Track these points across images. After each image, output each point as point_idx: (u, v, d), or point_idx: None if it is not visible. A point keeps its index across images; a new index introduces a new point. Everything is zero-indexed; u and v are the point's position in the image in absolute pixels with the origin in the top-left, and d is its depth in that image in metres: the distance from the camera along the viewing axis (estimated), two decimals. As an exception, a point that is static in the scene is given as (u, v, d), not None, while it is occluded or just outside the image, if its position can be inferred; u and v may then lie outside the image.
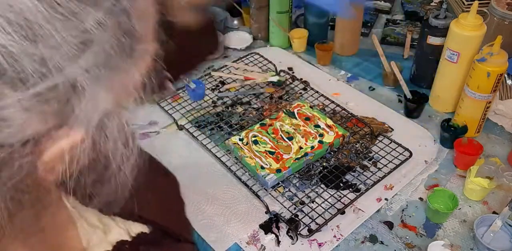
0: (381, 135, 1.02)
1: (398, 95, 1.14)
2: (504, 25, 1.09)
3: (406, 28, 1.37)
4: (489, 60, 0.89)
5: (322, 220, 0.85)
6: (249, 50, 1.31)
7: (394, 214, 0.88)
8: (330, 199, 0.89)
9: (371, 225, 0.86)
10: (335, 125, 0.99)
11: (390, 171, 0.93)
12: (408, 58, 1.26)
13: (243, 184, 0.91)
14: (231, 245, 0.83)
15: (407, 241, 0.83)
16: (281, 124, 0.99)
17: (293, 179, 0.93)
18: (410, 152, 0.97)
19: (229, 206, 0.89)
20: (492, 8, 1.10)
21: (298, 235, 0.83)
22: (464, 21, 0.93)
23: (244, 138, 0.96)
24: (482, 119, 0.98)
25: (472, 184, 0.88)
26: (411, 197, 0.91)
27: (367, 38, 1.34)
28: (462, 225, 0.85)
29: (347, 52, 1.29)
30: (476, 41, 0.94)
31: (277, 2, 1.24)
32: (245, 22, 1.42)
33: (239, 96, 1.14)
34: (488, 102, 0.95)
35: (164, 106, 1.11)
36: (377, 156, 0.97)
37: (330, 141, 0.95)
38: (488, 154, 0.98)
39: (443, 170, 0.96)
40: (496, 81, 0.91)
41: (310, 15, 1.27)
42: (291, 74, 1.19)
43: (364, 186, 0.91)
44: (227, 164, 0.96)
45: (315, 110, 1.03)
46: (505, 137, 1.03)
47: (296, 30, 1.30)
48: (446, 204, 0.87)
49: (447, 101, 1.07)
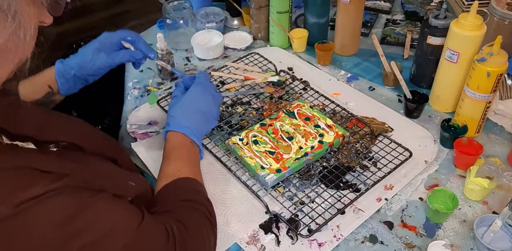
0: (381, 135, 1.02)
1: (398, 95, 1.14)
2: (504, 25, 1.09)
3: (406, 28, 1.37)
4: (489, 60, 0.89)
5: (322, 220, 0.85)
6: (249, 50, 1.31)
7: (394, 214, 0.88)
8: (330, 199, 0.89)
9: (371, 225, 0.86)
10: (335, 125, 0.99)
11: (390, 171, 0.93)
12: (408, 58, 1.26)
13: (243, 184, 0.91)
14: (231, 245, 0.83)
15: (407, 241, 0.83)
16: (281, 124, 0.99)
17: (293, 179, 0.93)
18: (410, 152, 0.97)
19: (229, 206, 0.89)
20: (492, 8, 1.10)
21: (298, 235, 0.83)
22: (464, 21, 0.93)
23: (244, 138, 0.96)
24: (482, 119, 0.99)
25: (472, 184, 0.88)
26: (411, 197, 0.91)
27: (367, 38, 1.34)
28: (462, 225, 0.85)
29: (347, 52, 1.29)
30: (476, 41, 0.94)
31: (277, 2, 1.24)
32: (245, 22, 1.42)
33: (239, 96, 1.14)
34: (488, 102, 0.95)
35: (164, 107, 1.11)
36: (377, 156, 0.97)
37: (330, 141, 0.95)
38: (488, 154, 0.98)
39: (443, 170, 0.96)
40: (496, 81, 0.91)
41: (310, 15, 1.27)
42: (291, 74, 1.19)
43: (364, 186, 0.91)
44: (227, 164, 0.96)
45: (315, 110, 1.03)
46: (505, 137, 1.03)
47: (296, 30, 1.30)
48: (446, 204, 0.87)
49: (447, 101, 1.07)
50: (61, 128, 0.77)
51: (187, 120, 0.87)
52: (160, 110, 1.11)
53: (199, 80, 0.94)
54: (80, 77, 0.96)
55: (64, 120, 0.83)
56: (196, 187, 0.79)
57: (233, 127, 1.05)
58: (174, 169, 0.80)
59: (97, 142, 0.83)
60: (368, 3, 1.47)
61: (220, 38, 1.30)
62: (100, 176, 0.67)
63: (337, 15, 1.23)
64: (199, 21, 1.37)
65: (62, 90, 0.96)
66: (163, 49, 1.16)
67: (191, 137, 0.86)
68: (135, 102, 1.16)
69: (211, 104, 0.91)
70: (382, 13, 1.47)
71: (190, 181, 0.79)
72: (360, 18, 1.24)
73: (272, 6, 1.25)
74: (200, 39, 1.30)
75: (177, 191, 0.77)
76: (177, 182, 0.78)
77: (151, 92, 1.18)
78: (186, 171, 0.80)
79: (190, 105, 0.89)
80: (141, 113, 1.12)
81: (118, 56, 0.96)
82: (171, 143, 0.85)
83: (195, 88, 0.92)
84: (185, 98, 0.90)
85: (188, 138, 0.86)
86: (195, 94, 0.91)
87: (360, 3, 1.19)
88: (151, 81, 1.22)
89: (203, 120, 0.89)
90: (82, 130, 0.84)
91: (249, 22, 1.37)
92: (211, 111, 0.91)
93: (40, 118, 0.76)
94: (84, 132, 0.83)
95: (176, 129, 0.86)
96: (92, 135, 0.85)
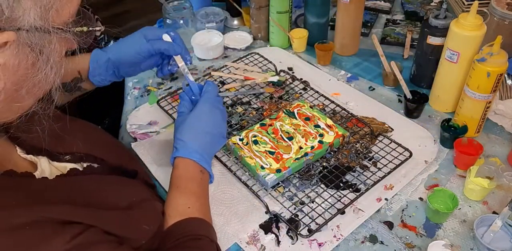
0: (381, 135, 1.02)
1: (398, 95, 1.14)
2: (504, 25, 1.09)
3: (406, 28, 1.37)
4: (489, 60, 0.89)
5: (322, 220, 0.85)
6: (249, 50, 1.31)
7: (394, 214, 0.88)
8: (330, 199, 0.89)
9: (371, 225, 0.86)
10: (335, 125, 0.99)
11: (390, 171, 0.93)
12: (408, 58, 1.26)
13: (243, 184, 0.91)
14: (231, 245, 0.83)
15: (407, 241, 0.83)
16: (281, 124, 0.99)
17: (293, 179, 0.93)
18: (410, 152, 0.97)
19: (229, 206, 0.89)
20: (492, 8, 1.10)
21: (298, 235, 0.83)
22: (464, 21, 0.93)
23: (244, 138, 0.96)
24: (482, 119, 0.99)
25: (472, 184, 0.88)
26: (411, 197, 0.91)
27: (367, 38, 1.34)
28: (462, 225, 0.85)
29: (347, 52, 1.29)
30: (476, 41, 0.94)
31: (277, 2, 1.24)
32: (245, 22, 1.42)
33: (239, 96, 1.14)
34: (488, 102, 0.95)
35: (164, 106, 1.11)
36: (377, 156, 0.97)
37: (330, 141, 0.95)
38: (488, 154, 0.98)
39: (443, 170, 0.96)
40: (496, 81, 0.91)
41: (310, 15, 1.27)
42: (291, 74, 1.19)
43: (364, 186, 0.91)
44: (227, 164, 0.96)
45: (315, 110, 1.03)
46: (505, 137, 1.03)
47: (296, 30, 1.30)
48: (446, 204, 0.87)
49: (447, 101, 1.07)
50: (78, 137, 0.76)
51: (196, 144, 0.81)
52: (160, 110, 1.11)
53: (207, 96, 0.86)
54: (114, 63, 0.93)
55: (82, 128, 0.82)
56: (205, 227, 0.76)
57: (233, 127, 1.05)
58: (184, 205, 0.76)
59: (116, 153, 0.82)
60: (368, 3, 1.47)
61: (220, 38, 1.30)
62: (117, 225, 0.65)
63: (337, 15, 1.23)
64: (199, 21, 1.37)
65: (92, 76, 0.93)
66: None
67: (201, 164, 0.80)
68: (135, 102, 1.16)
69: (220, 123, 0.85)
70: (382, 13, 1.47)
71: (200, 222, 0.76)
72: (360, 18, 1.24)
73: (272, 6, 1.25)
74: (200, 39, 1.30)
75: (186, 231, 0.73)
76: (187, 222, 0.75)
77: (151, 92, 1.18)
78: (196, 209, 0.77)
79: (198, 127, 0.82)
80: (141, 113, 1.12)
81: (157, 43, 0.92)
82: (181, 171, 0.80)
83: (203, 107, 0.84)
84: (192, 119, 0.83)
85: (198, 165, 0.80)
86: (204, 113, 0.84)
87: (360, 3, 1.19)
88: (151, 81, 1.22)
89: (213, 141, 0.84)
90: (100, 140, 0.83)
91: (249, 22, 1.37)
92: (220, 131, 0.85)
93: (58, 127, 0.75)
94: (102, 142, 0.83)
95: (186, 155, 0.80)
96: (109, 145, 0.84)
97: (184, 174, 0.80)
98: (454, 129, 1.00)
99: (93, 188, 0.69)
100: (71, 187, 0.66)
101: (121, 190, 0.74)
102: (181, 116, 0.85)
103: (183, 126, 0.82)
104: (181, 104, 0.88)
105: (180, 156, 0.80)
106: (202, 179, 0.81)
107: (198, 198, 0.78)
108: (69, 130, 0.72)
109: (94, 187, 0.69)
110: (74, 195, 0.64)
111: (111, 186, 0.73)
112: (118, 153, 0.84)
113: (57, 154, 0.72)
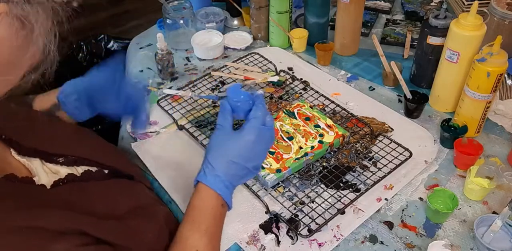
0: (381, 135, 1.02)
1: (398, 95, 1.14)
2: (504, 25, 1.09)
3: (406, 28, 1.37)
4: (489, 60, 0.89)
5: (322, 220, 0.85)
6: (249, 50, 1.31)
7: (394, 214, 0.88)
8: (330, 199, 0.89)
9: (371, 225, 0.86)
10: (335, 125, 0.99)
11: (390, 171, 0.93)
12: (408, 58, 1.26)
13: (243, 184, 0.91)
14: (231, 245, 0.83)
15: (407, 241, 0.83)
16: (281, 124, 0.99)
17: (293, 179, 0.93)
18: (410, 152, 0.97)
19: (229, 206, 0.89)
20: (492, 8, 1.10)
21: (298, 235, 0.83)
22: (464, 21, 0.93)
23: (244, 138, 0.96)
24: (482, 119, 0.99)
25: (472, 184, 0.88)
26: (411, 197, 0.91)
27: (367, 38, 1.34)
28: (462, 225, 0.85)
29: (347, 52, 1.29)
30: (476, 41, 0.94)
31: (277, 2, 1.24)
32: (245, 22, 1.42)
33: (239, 96, 1.14)
34: (488, 102, 0.95)
35: (164, 106, 1.11)
36: (377, 156, 0.97)
37: (330, 141, 0.95)
38: (488, 154, 0.98)
39: (443, 170, 0.96)
40: (496, 81, 0.91)
41: (310, 15, 1.27)
42: (291, 74, 1.19)
43: (364, 186, 0.91)
44: (227, 164, 0.96)
45: (315, 110, 1.03)
46: (505, 137, 1.03)
47: (296, 30, 1.30)
48: (446, 204, 0.87)
49: (447, 101, 1.07)
50: (72, 140, 0.76)
51: (227, 177, 0.72)
52: (160, 110, 1.11)
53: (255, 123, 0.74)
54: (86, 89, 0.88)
55: (77, 133, 0.82)
56: None
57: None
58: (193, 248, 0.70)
59: (112, 157, 0.81)
60: (368, 3, 1.47)
61: (220, 38, 1.30)
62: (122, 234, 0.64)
63: (337, 15, 1.23)
64: (199, 21, 1.37)
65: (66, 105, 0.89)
66: (163, 49, 1.16)
67: (225, 198, 0.73)
68: (135, 102, 1.16)
69: (260, 155, 0.75)
70: (382, 13, 1.47)
71: None
72: (360, 18, 1.24)
73: (272, 6, 1.25)
74: (200, 39, 1.30)
75: None
76: None
77: (151, 92, 1.18)
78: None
79: (234, 158, 0.72)
80: (141, 113, 1.11)
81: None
82: (201, 203, 0.72)
83: (247, 136, 0.73)
84: (231, 146, 0.73)
85: (221, 199, 0.72)
86: (245, 146, 0.73)
87: (360, 3, 1.19)
88: (151, 81, 1.22)
89: (245, 175, 0.74)
90: (96, 144, 0.83)
91: (249, 22, 1.37)
92: (256, 165, 0.74)
93: (52, 131, 0.75)
94: (98, 146, 0.83)
95: (212, 185, 0.71)
96: (105, 149, 0.84)
97: (204, 207, 0.72)
98: (454, 129, 1.00)
99: (93, 196, 0.68)
100: (70, 195, 0.65)
101: (122, 196, 0.73)
102: (220, 131, 0.75)
103: (220, 150, 0.73)
104: (221, 115, 0.76)
105: (207, 185, 0.72)
106: (221, 214, 0.74)
107: (211, 240, 0.72)
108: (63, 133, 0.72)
109: (94, 194, 0.69)
110: (72, 203, 0.63)
111: (110, 192, 0.72)
112: (114, 156, 0.83)
113: (51, 154, 0.71)
